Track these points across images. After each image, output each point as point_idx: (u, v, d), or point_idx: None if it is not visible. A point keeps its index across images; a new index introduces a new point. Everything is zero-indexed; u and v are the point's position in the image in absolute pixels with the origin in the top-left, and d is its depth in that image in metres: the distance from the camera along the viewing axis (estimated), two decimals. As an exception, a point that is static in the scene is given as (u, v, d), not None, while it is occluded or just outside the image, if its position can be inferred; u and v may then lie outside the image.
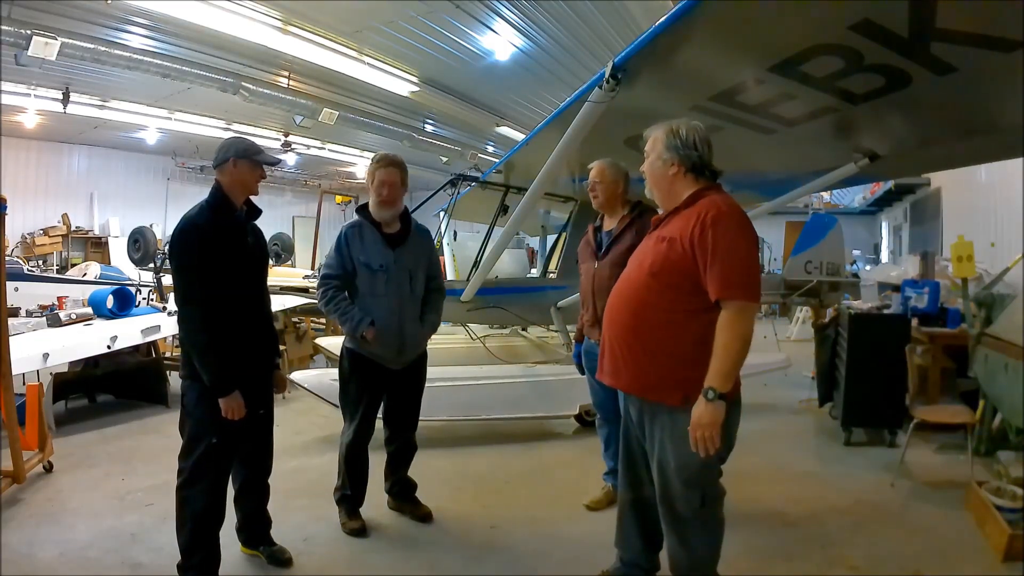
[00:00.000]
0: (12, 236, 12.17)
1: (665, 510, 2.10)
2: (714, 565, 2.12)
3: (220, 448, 2.38)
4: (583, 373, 3.21)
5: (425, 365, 3.17)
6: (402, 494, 3.22)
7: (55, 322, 5.29)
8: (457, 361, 5.07)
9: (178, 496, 2.39)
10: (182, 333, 2.41)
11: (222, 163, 2.43)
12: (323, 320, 7.88)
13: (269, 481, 2.73)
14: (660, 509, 2.11)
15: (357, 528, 2.99)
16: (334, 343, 5.84)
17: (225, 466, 2.47)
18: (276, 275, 8.28)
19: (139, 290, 7.54)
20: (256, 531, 2.71)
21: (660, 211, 2.19)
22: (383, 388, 3.05)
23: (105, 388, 5.45)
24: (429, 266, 3.08)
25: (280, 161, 2.60)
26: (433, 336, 3.21)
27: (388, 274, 2.90)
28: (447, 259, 7.07)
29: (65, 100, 9.08)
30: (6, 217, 3.39)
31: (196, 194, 2.51)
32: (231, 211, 2.44)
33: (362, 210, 3.05)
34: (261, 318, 2.57)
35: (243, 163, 2.42)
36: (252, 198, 2.56)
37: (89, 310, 5.62)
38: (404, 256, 2.95)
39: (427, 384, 3.23)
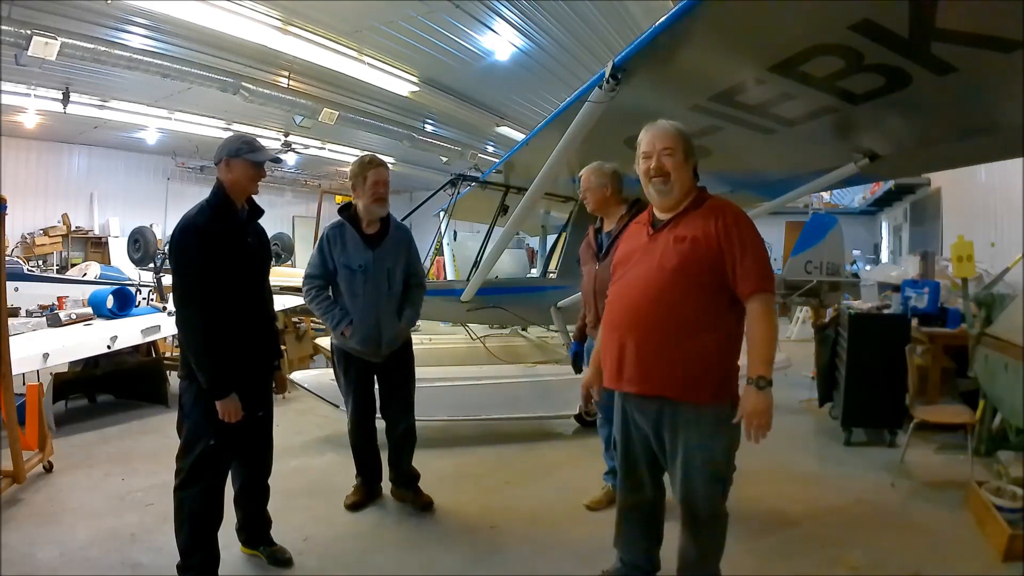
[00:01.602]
0: (12, 236, 12.17)
1: (685, 509, 2.11)
2: (719, 560, 2.16)
3: (218, 449, 2.37)
4: (578, 372, 3.22)
5: (410, 354, 3.26)
6: (405, 483, 3.29)
7: (55, 322, 5.29)
8: (457, 361, 5.07)
9: (176, 497, 2.39)
10: (180, 334, 2.41)
11: (216, 164, 2.43)
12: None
13: (269, 481, 2.73)
14: (681, 508, 2.12)
15: (350, 503, 3.23)
16: (334, 343, 5.85)
17: (223, 467, 2.46)
18: (276, 275, 8.27)
19: (139, 290, 7.54)
20: (256, 531, 2.71)
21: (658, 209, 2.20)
22: (371, 378, 3.18)
23: (105, 388, 5.45)
24: (408, 262, 3.15)
25: (277, 159, 2.57)
26: (433, 336, 3.28)
27: (367, 274, 3.01)
28: (447, 259, 7.08)
29: (65, 100, 9.08)
30: (6, 217, 3.39)
31: (196, 194, 2.50)
32: (231, 211, 2.43)
33: (344, 210, 3.13)
34: (261, 319, 2.56)
35: (235, 163, 2.40)
36: (254, 198, 2.56)
37: (89, 310, 5.62)
38: (383, 255, 3.05)
39: (427, 384, 3.29)
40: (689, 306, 2.02)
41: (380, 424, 3.32)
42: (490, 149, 12.98)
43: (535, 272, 7.21)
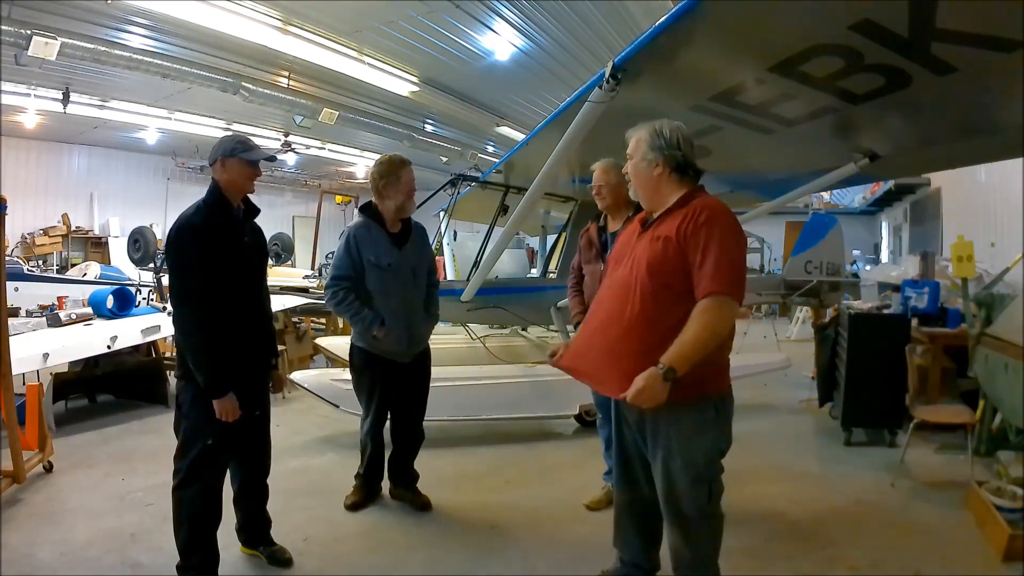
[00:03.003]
0: (12, 236, 12.16)
1: (669, 509, 2.09)
2: (716, 560, 2.14)
3: (215, 449, 2.37)
4: None
5: (430, 358, 3.32)
6: (405, 484, 3.31)
7: (55, 322, 5.29)
8: (457, 361, 5.07)
9: (174, 497, 2.39)
10: (177, 333, 2.42)
11: (212, 163, 2.44)
12: (323, 320, 7.88)
13: (269, 481, 2.73)
14: (664, 508, 2.11)
15: (350, 503, 3.24)
16: (334, 343, 5.85)
17: (221, 467, 2.46)
18: (276, 275, 8.30)
19: (139, 290, 7.54)
20: (256, 531, 2.71)
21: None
22: (393, 381, 3.18)
23: (105, 388, 5.45)
24: (428, 262, 3.26)
25: (272, 158, 2.55)
26: (433, 335, 3.31)
27: (395, 272, 3.04)
28: (447, 259, 7.08)
29: (65, 100, 9.07)
30: (6, 217, 3.39)
31: (196, 194, 2.50)
32: (228, 210, 2.44)
33: (366, 210, 3.14)
34: (257, 318, 2.56)
35: (231, 162, 2.41)
36: (251, 197, 2.56)
37: (89, 310, 5.62)
38: (408, 254, 3.10)
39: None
40: (659, 307, 1.98)
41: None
42: (490, 149, 12.97)
43: (535, 272, 7.21)
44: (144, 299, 7.24)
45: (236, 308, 2.41)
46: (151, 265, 8.91)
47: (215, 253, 2.33)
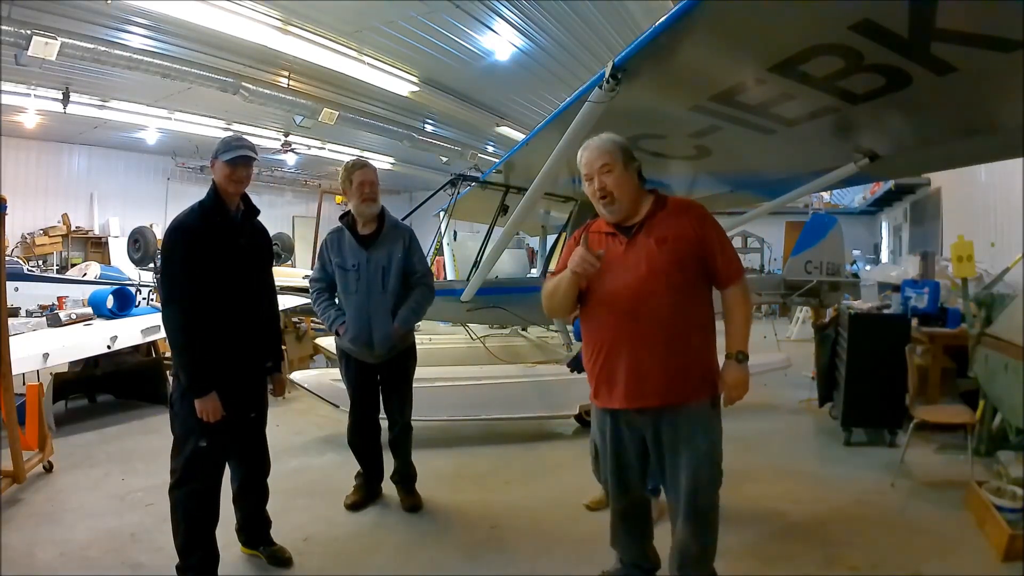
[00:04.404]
0: (12, 236, 12.16)
1: (689, 503, 2.08)
2: (714, 557, 2.18)
3: (209, 449, 2.37)
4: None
5: (409, 358, 3.28)
6: (399, 480, 3.33)
7: (55, 322, 5.30)
8: (457, 361, 5.07)
9: (171, 497, 2.39)
10: (165, 333, 2.42)
11: (211, 165, 2.48)
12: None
13: (269, 481, 2.73)
14: (686, 504, 2.09)
15: (350, 503, 3.26)
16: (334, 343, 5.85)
17: (215, 466, 2.45)
18: (276, 275, 8.28)
19: (139, 290, 7.54)
20: (256, 531, 2.71)
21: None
22: (373, 379, 3.22)
23: (105, 388, 5.45)
24: (407, 260, 3.11)
25: (247, 157, 2.42)
26: (433, 336, 3.30)
27: (360, 273, 3.07)
28: (447, 259, 7.08)
29: (65, 100, 9.07)
30: (6, 217, 3.39)
31: (196, 194, 2.53)
32: (223, 211, 2.44)
33: (343, 217, 3.20)
34: (254, 319, 2.54)
35: (216, 163, 2.43)
36: (252, 198, 2.57)
37: (89, 310, 5.62)
38: (376, 254, 3.09)
39: (427, 384, 3.31)
40: (683, 306, 2.06)
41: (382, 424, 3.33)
42: (490, 149, 12.97)
43: (535, 272, 7.21)
44: (144, 299, 7.24)
45: (228, 309, 2.40)
46: (151, 265, 8.91)
47: (206, 254, 2.34)
